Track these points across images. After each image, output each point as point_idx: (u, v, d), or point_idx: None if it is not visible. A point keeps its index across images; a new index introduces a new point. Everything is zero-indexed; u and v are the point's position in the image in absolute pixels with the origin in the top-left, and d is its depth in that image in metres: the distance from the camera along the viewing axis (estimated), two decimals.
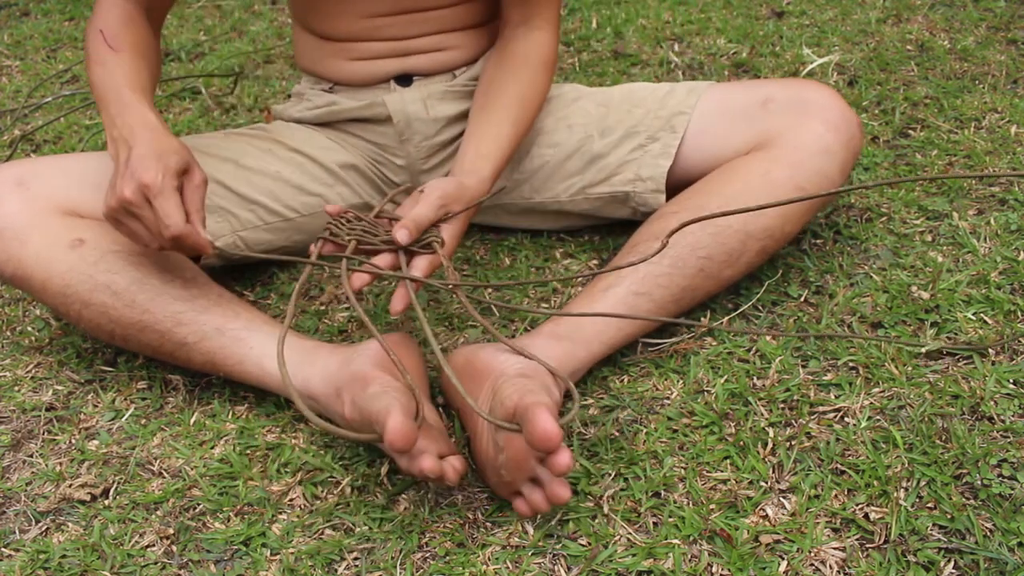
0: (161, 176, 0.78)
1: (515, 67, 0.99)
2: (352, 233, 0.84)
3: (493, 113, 0.96)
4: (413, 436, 0.69)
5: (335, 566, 0.73)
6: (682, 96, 1.02)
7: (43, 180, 0.91)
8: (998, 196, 1.13)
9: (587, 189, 1.04)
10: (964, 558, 0.68)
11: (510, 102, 0.97)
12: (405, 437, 0.68)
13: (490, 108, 0.97)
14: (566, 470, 0.68)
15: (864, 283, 1.00)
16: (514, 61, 1.00)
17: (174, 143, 0.82)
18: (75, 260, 0.87)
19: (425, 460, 0.71)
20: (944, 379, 0.85)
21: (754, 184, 0.91)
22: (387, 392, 0.74)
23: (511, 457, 0.72)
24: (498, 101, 0.97)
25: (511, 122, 0.96)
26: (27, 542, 0.78)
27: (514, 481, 0.74)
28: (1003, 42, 1.57)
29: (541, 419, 0.66)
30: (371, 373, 0.79)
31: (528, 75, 0.99)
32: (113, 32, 0.91)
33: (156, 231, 0.79)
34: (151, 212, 0.79)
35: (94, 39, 0.91)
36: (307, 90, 1.10)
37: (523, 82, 0.99)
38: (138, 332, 0.88)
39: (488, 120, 0.96)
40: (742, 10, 1.83)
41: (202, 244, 0.80)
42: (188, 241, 0.79)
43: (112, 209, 0.80)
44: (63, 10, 2.24)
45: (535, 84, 1.00)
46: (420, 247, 0.84)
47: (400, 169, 1.09)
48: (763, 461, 0.79)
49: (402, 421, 0.68)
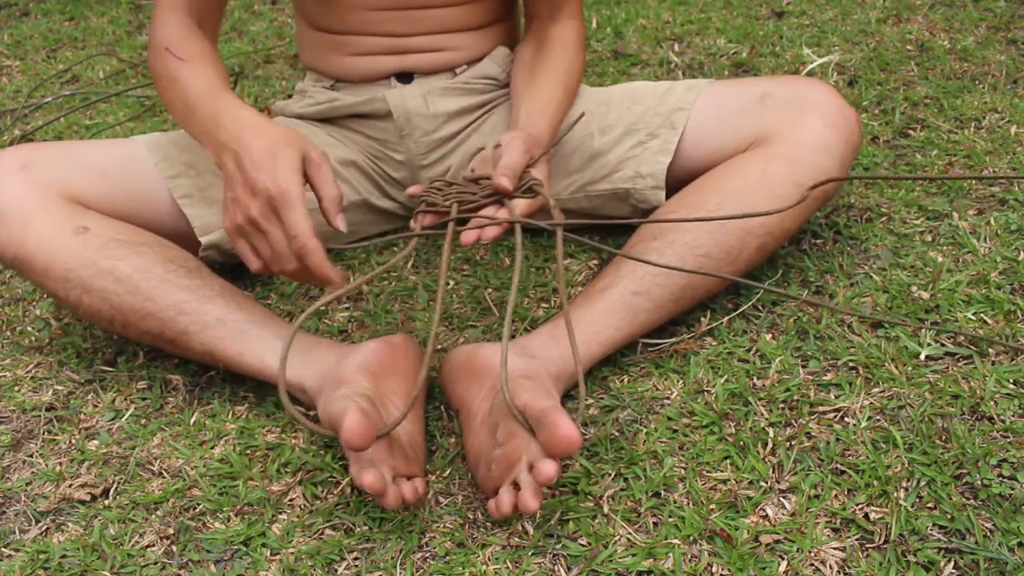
0: (282, 179, 0.75)
1: (553, 46, 1.02)
2: (450, 197, 0.84)
3: (539, 81, 0.98)
4: (369, 435, 0.68)
5: (335, 566, 0.73)
6: (681, 93, 1.02)
7: (47, 165, 0.91)
8: (998, 196, 1.13)
9: (587, 187, 1.04)
10: (964, 558, 0.68)
11: (555, 74, 0.99)
12: (360, 434, 0.67)
13: (536, 79, 0.99)
14: (550, 480, 0.68)
15: (864, 283, 1.00)
16: (552, 44, 1.02)
17: (281, 133, 0.80)
18: (78, 246, 0.87)
19: (367, 475, 0.69)
20: (944, 379, 0.85)
21: (752, 180, 0.91)
22: (351, 395, 0.74)
23: (506, 453, 0.72)
24: (544, 74, 0.99)
25: (560, 88, 0.98)
26: (27, 542, 0.78)
27: (500, 477, 0.73)
28: (1003, 42, 1.57)
29: (563, 423, 0.67)
30: (349, 375, 0.79)
31: (568, 53, 1.02)
32: (178, 44, 0.91)
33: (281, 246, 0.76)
34: (275, 225, 0.76)
35: (162, 58, 0.91)
36: (309, 87, 1.11)
37: (565, 58, 1.01)
38: (139, 320, 0.88)
39: (534, 88, 0.98)
40: (742, 10, 1.83)
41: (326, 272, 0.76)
42: (314, 260, 0.76)
43: (237, 226, 0.79)
44: (63, 10, 2.24)
45: (575, 60, 1.02)
46: (522, 192, 0.84)
47: (400, 165, 1.09)
48: (763, 461, 0.79)
49: (358, 419, 0.68)
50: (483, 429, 0.77)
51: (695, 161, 0.99)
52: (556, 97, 0.97)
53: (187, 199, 0.96)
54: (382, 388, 0.80)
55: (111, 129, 1.55)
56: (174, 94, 0.90)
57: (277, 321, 0.90)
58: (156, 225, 0.95)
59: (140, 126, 1.56)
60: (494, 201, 0.84)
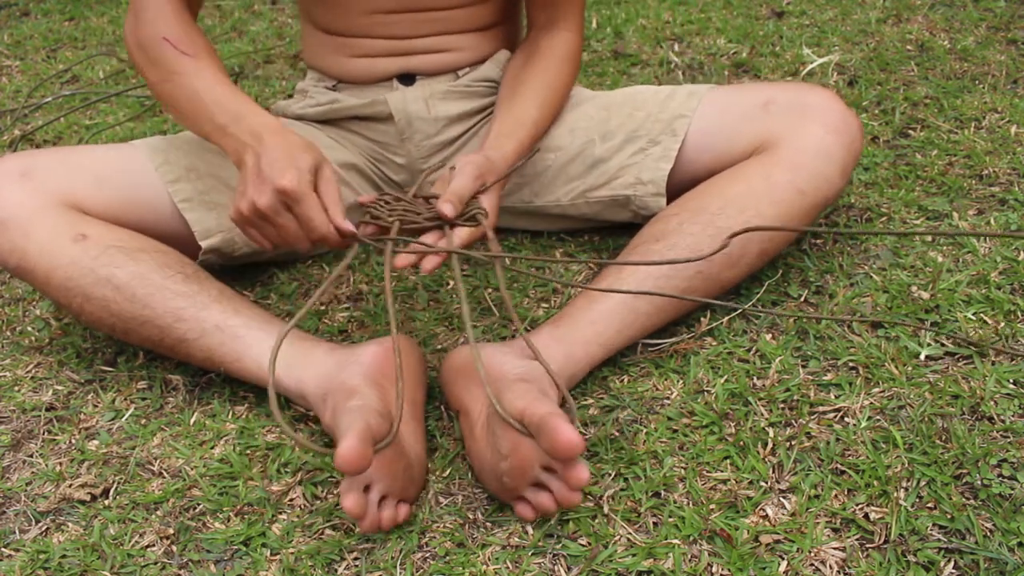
0: (298, 180, 0.79)
1: (541, 59, 1.01)
2: (394, 214, 0.84)
3: (518, 97, 0.98)
4: (362, 463, 0.66)
5: (335, 566, 0.73)
6: (683, 99, 1.02)
7: (47, 172, 0.91)
8: (998, 196, 1.13)
9: (588, 193, 1.04)
10: (964, 558, 0.68)
11: (536, 88, 0.99)
12: (351, 461, 0.65)
13: (516, 94, 0.99)
14: (583, 485, 0.69)
15: (864, 283, 1.00)
16: (539, 55, 1.02)
17: (301, 141, 0.83)
18: (77, 254, 0.87)
19: (348, 498, 0.69)
20: (944, 379, 0.85)
21: (754, 186, 0.91)
22: (361, 410, 0.73)
23: (515, 464, 0.72)
24: (524, 87, 0.99)
25: (536, 105, 0.98)
26: (27, 542, 0.78)
27: (517, 487, 0.74)
28: (1003, 42, 1.57)
29: (564, 429, 0.66)
30: (356, 386, 0.79)
31: (554, 65, 1.01)
32: (179, 37, 0.91)
33: (296, 235, 0.81)
34: (288, 218, 0.80)
35: (161, 48, 0.91)
36: (311, 87, 1.11)
37: (549, 71, 1.01)
38: (138, 327, 0.88)
39: (513, 104, 0.98)
40: (742, 10, 1.83)
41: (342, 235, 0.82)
42: (332, 241, 0.82)
43: (243, 216, 0.82)
44: (63, 10, 2.24)
45: (561, 74, 1.02)
46: (464, 220, 0.84)
47: (400, 168, 1.09)
48: (763, 461, 0.79)
49: (354, 446, 0.65)
50: (484, 437, 0.77)
51: (697, 167, 0.99)
52: (531, 116, 0.97)
53: (187, 203, 0.96)
54: (388, 397, 0.79)
55: (111, 129, 1.55)
56: (178, 88, 0.90)
57: (276, 324, 0.90)
58: (156, 230, 0.95)
59: (140, 126, 1.56)
60: (436, 225, 0.83)
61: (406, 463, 0.75)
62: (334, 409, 0.78)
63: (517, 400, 0.73)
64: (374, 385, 0.79)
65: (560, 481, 0.71)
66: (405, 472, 0.75)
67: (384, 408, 0.76)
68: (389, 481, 0.73)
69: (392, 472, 0.73)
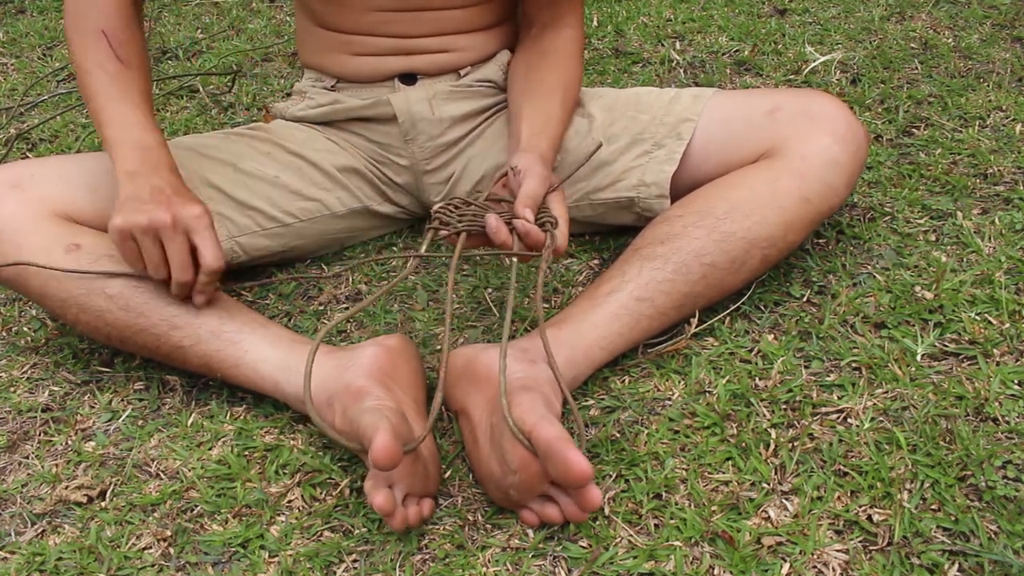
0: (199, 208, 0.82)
1: (551, 58, 1.01)
2: (464, 220, 0.83)
3: (541, 95, 0.97)
4: (398, 457, 0.67)
5: (334, 568, 0.73)
6: (688, 103, 1.01)
7: (39, 183, 0.91)
8: (1002, 195, 1.12)
9: (591, 195, 1.04)
10: (968, 560, 0.68)
11: (554, 86, 0.98)
12: (390, 457, 0.66)
13: (534, 93, 0.98)
14: (596, 508, 0.70)
15: (867, 283, 0.99)
16: (548, 54, 1.01)
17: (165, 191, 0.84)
18: (71, 264, 0.87)
19: (378, 496, 0.70)
20: (948, 380, 0.84)
21: (760, 192, 0.91)
22: (380, 409, 0.73)
23: (525, 479, 0.72)
24: (543, 85, 0.98)
25: (559, 102, 0.97)
26: (23, 544, 0.77)
27: (524, 500, 0.74)
28: (1008, 39, 1.57)
29: (574, 459, 0.67)
30: (365, 386, 0.78)
31: (565, 63, 1.01)
32: (118, 38, 0.90)
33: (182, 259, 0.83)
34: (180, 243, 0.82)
35: (95, 39, 0.90)
36: (309, 87, 1.10)
37: (562, 69, 1.00)
38: (134, 335, 0.88)
39: (534, 102, 0.97)
40: (744, 8, 1.82)
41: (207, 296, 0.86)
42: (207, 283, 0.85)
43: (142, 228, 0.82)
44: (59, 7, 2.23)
45: (572, 72, 1.01)
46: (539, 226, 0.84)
47: (403, 169, 1.08)
48: (765, 462, 0.78)
49: (389, 440, 0.67)
50: (488, 446, 0.77)
51: (702, 173, 0.98)
52: (556, 114, 0.96)
53: None
54: (396, 396, 0.79)
55: None
56: (99, 84, 0.89)
57: (271, 327, 0.89)
58: None
59: None
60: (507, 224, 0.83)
61: (423, 463, 0.76)
62: (344, 411, 0.77)
63: (525, 416, 0.72)
64: (381, 386, 0.79)
65: (569, 498, 0.72)
66: (423, 471, 0.76)
67: (397, 407, 0.76)
68: (409, 480, 0.73)
69: (412, 471, 0.74)
